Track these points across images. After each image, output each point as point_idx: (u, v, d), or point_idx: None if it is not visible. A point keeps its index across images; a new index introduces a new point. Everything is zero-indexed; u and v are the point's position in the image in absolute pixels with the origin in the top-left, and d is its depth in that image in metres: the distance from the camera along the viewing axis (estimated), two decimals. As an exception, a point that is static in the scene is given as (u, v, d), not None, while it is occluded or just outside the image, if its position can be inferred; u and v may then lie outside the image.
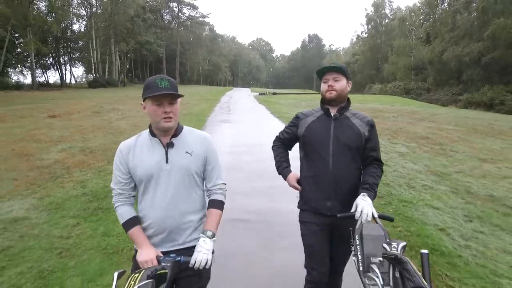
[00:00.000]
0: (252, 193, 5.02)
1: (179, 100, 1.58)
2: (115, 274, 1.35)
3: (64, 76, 39.79)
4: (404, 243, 1.49)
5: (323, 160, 1.98)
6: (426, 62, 41.33)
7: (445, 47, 37.11)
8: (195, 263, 1.50)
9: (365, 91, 54.36)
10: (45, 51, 31.05)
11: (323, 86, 2.04)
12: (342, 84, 2.00)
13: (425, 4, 46.71)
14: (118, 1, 35.19)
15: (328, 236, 2.06)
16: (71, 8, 35.81)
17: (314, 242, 2.04)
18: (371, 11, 61.38)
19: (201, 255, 1.52)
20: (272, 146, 2.30)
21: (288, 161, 2.22)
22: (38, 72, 34.87)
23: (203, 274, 1.64)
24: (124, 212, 1.59)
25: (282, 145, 2.26)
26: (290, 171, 2.14)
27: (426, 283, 1.20)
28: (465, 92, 33.69)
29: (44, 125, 9.94)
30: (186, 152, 1.61)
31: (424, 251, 1.35)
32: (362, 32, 66.07)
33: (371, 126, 2.03)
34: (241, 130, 10.72)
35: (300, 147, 2.15)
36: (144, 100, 1.55)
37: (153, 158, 1.57)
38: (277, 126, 11.13)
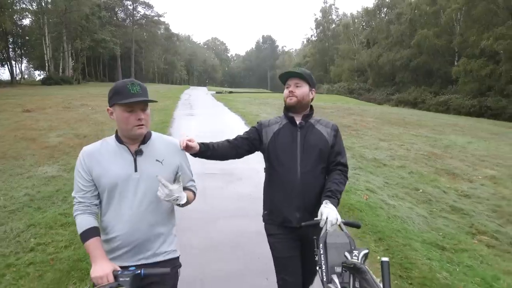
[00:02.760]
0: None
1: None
2: None
3: (14, 73, 38.67)
4: (366, 251, 1.44)
5: (291, 169, 1.92)
6: (366, 65, 46.00)
7: (381, 52, 41.92)
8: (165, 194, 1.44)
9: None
10: (-1, 47, 30.47)
11: (285, 92, 2.01)
12: (303, 90, 1.96)
13: (365, 13, 51.65)
14: (72, -1, 35.06)
15: (298, 248, 2.02)
16: (22, 3, 35.04)
17: (285, 252, 1.98)
18: (320, 17, 64.47)
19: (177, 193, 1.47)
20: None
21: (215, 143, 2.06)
22: (-15, 69, 33.72)
23: (167, 281, 1.57)
24: (82, 221, 1.48)
25: (228, 142, 2.08)
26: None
27: None
28: (397, 92, 38.63)
29: (26, 118, 11.17)
30: (157, 160, 1.55)
31: (385, 259, 1.27)
32: (311, 36, 69.05)
33: (335, 131, 2.02)
34: (205, 121, 12.75)
35: (265, 157, 2.08)
36: (111, 106, 1.48)
37: (121, 167, 1.49)
38: (235, 119, 13.35)
